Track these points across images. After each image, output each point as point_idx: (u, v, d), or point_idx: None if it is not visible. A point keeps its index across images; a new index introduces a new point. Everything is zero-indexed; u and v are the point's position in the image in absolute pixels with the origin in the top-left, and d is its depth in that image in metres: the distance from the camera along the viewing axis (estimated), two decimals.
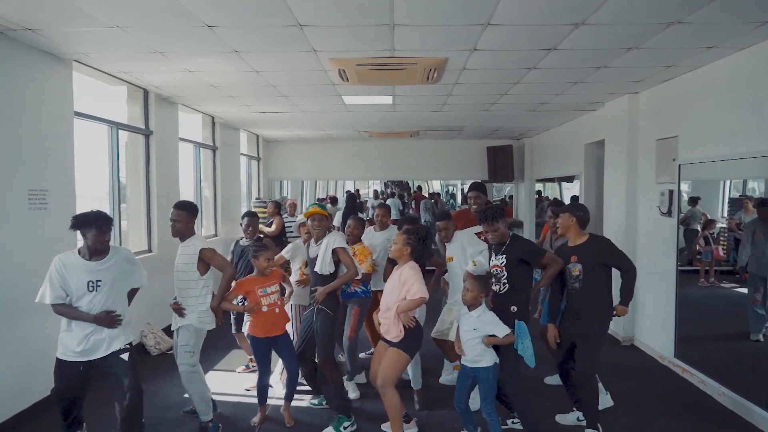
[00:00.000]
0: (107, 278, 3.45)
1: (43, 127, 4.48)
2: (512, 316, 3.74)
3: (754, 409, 4.24)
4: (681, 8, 3.47)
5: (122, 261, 3.59)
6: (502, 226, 3.84)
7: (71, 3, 3.36)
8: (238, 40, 4.15)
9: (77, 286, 3.39)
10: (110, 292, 3.48)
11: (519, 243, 3.93)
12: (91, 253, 3.44)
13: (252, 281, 4.15)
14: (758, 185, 5.44)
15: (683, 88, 5.35)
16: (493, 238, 3.88)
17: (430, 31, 3.95)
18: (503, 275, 3.81)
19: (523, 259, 3.81)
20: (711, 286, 5.63)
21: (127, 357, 3.55)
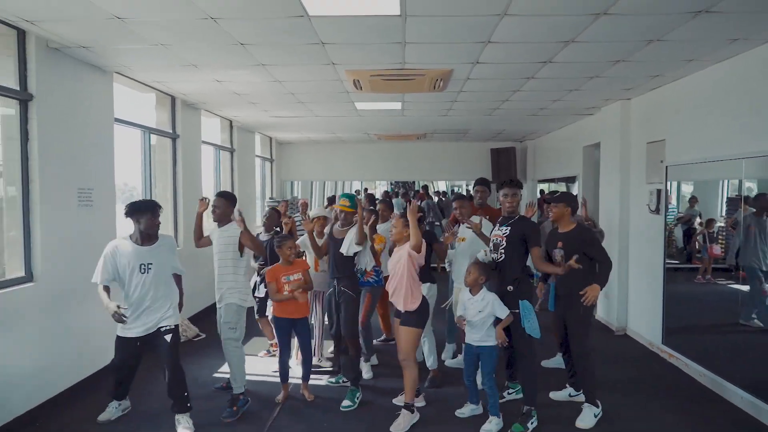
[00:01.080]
0: (157, 261, 3.95)
1: (89, 132, 4.99)
2: (511, 296, 4.10)
3: (728, 387, 4.70)
4: (660, 28, 3.93)
5: (168, 247, 4.12)
6: (519, 198, 4.30)
7: (124, 25, 3.87)
8: (265, 55, 4.65)
9: (129, 268, 3.89)
10: (158, 274, 3.96)
11: (526, 221, 4.24)
12: (143, 239, 3.95)
13: (278, 269, 4.65)
14: (754, 185, 5.74)
15: (669, 96, 5.82)
16: (510, 205, 4.25)
17: (437, 47, 4.43)
18: (502, 244, 4.16)
19: (523, 237, 4.13)
20: (707, 283, 5.89)
21: (170, 338, 4.00)
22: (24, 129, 4.25)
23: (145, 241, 3.96)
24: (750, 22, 3.80)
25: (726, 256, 5.57)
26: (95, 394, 4.74)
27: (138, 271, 3.91)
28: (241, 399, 4.48)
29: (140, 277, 3.91)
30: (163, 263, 4.03)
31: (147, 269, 3.92)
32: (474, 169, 12.09)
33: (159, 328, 3.98)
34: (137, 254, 3.92)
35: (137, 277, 3.91)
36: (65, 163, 4.63)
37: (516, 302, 4.09)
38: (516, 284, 4.12)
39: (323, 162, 12.55)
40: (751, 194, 5.72)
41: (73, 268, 4.73)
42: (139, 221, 3.94)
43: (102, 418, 4.20)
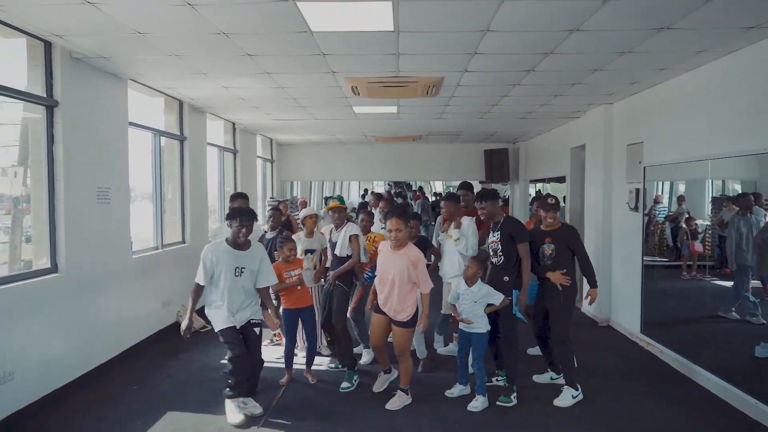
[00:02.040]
0: (249, 266, 4.25)
1: (106, 135, 5.39)
2: (507, 285, 4.62)
3: (698, 371, 5.10)
4: (628, 41, 4.33)
5: (259, 255, 4.39)
6: (489, 206, 4.71)
7: (144, 39, 4.26)
8: (271, 64, 5.05)
9: (223, 269, 4.17)
10: (248, 279, 4.27)
11: (510, 222, 4.78)
12: (239, 245, 4.23)
13: (280, 266, 5.05)
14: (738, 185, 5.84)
15: (647, 101, 6.23)
16: (482, 214, 4.79)
17: (428, 58, 4.84)
18: (499, 248, 4.67)
19: (511, 235, 4.63)
20: (692, 279, 6.16)
21: (259, 331, 4.41)
22: (50, 133, 4.64)
23: (240, 246, 4.24)
24: (708, 37, 4.20)
25: (714, 254, 5.70)
26: (114, 377, 5.14)
27: (233, 274, 4.19)
28: None
29: (234, 280, 4.20)
30: (254, 270, 4.33)
31: (240, 272, 4.21)
32: (468, 169, 12.51)
33: (248, 321, 4.34)
34: (234, 257, 4.20)
35: (231, 279, 4.19)
36: (86, 164, 5.02)
37: (510, 290, 4.62)
38: (512, 276, 4.65)
39: (322, 163, 12.95)
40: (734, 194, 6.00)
41: (93, 260, 5.13)
42: (242, 226, 4.17)
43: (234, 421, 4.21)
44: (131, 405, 4.55)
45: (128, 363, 5.56)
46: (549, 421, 4.30)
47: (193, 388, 4.90)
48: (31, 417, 4.25)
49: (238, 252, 4.22)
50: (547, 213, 4.80)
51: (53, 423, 4.22)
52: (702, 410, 4.53)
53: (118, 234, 5.59)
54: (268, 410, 4.45)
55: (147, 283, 6.21)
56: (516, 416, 4.39)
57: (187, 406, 4.54)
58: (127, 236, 5.81)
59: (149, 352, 5.96)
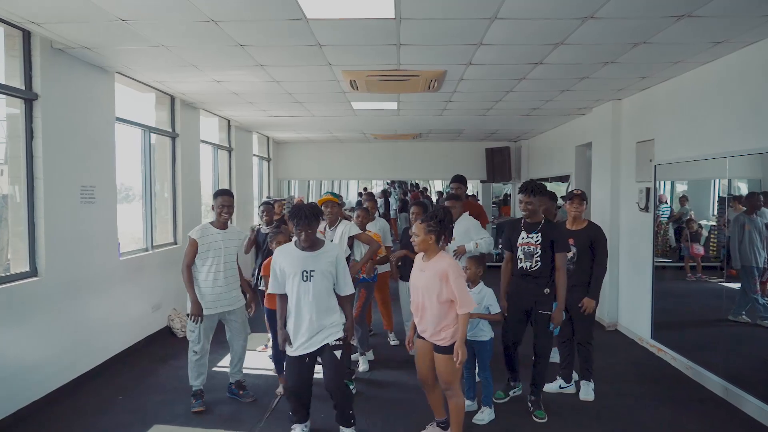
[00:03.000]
0: (318, 269, 3.61)
1: (91, 131, 5.11)
2: (546, 297, 4.17)
3: (713, 378, 4.85)
4: (645, 31, 4.08)
5: (331, 256, 3.69)
6: (537, 202, 4.15)
7: (129, 27, 3.99)
8: (264, 56, 4.78)
9: (289, 272, 3.63)
10: (320, 282, 3.62)
11: (554, 226, 4.28)
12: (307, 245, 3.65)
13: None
14: (744, 184, 5.81)
15: (658, 96, 5.97)
16: (525, 210, 4.18)
17: (430, 49, 4.57)
18: (536, 252, 4.17)
19: (552, 241, 4.14)
20: (697, 281, 6.01)
21: (340, 355, 3.68)
22: (29, 127, 4.36)
23: (308, 246, 3.66)
24: (731, 26, 3.94)
25: (720, 255, 5.59)
26: (99, 386, 4.87)
27: (301, 278, 3.61)
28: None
29: (303, 285, 3.61)
30: (325, 272, 3.66)
31: (309, 277, 3.60)
32: (469, 168, 12.23)
33: (325, 344, 3.67)
34: (301, 259, 3.63)
35: (300, 284, 3.62)
36: (68, 161, 4.75)
37: (550, 304, 4.19)
38: (552, 287, 4.20)
39: (320, 161, 12.68)
40: (740, 193, 5.85)
41: (77, 263, 4.86)
42: (309, 227, 3.58)
43: None
44: (115, 417, 4.29)
45: (115, 371, 5.28)
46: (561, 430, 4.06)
47: (182, 399, 4.61)
48: (8, 431, 3.98)
49: (306, 253, 3.66)
50: (571, 203, 4.56)
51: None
52: (716, 418, 4.30)
53: (104, 235, 5.32)
54: (260, 422, 4.18)
55: (136, 286, 5.93)
56: (524, 427, 4.13)
57: (175, 418, 4.27)
58: (114, 237, 5.54)
59: (137, 358, 5.69)
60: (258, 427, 4.12)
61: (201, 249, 4.29)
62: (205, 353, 4.44)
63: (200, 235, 4.30)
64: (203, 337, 4.37)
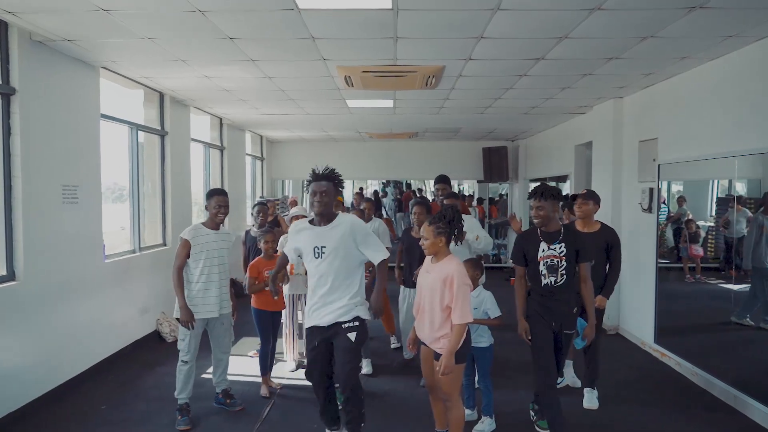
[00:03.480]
0: (330, 245, 3.37)
1: (74, 128, 4.89)
2: (573, 316, 3.77)
3: (720, 385, 4.68)
4: (653, 25, 3.90)
5: (348, 229, 3.42)
6: (548, 207, 3.59)
7: (111, 18, 3.77)
8: (255, 50, 4.57)
9: (304, 250, 3.49)
10: (334, 260, 3.38)
11: (577, 234, 3.81)
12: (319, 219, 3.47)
13: (260, 263, 4.69)
14: (743, 185, 5.70)
15: (662, 94, 5.80)
16: (537, 217, 3.64)
17: (429, 43, 4.37)
18: (562, 265, 3.62)
19: (577, 251, 3.67)
20: (696, 282, 5.92)
21: (354, 337, 3.38)
22: (6, 124, 4.14)
23: (320, 221, 3.46)
24: (744, 19, 3.77)
25: (720, 256, 5.50)
26: (82, 395, 4.65)
27: (313, 254, 3.42)
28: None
29: (315, 262, 3.42)
30: (338, 247, 3.40)
31: (320, 253, 3.39)
32: (466, 168, 12.11)
33: (336, 322, 3.41)
34: (313, 235, 3.45)
35: (313, 261, 3.44)
36: (49, 159, 4.53)
37: (575, 322, 3.80)
38: (578, 305, 3.79)
39: (314, 161, 12.13)
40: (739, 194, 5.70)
41: (58, 266, 4.64)
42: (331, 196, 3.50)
43: None
44: (97, 428, 4.07)
45: (99, 378, 5.06)
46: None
47: (168, 408, 4.37)
48: None
49: (318, 228, 3.48)
50: (580, 203, 4.38)
51: None
52: (725, 427, 4.13)
53: (88, 237, 5.10)
54: None
55: (122, 289, 5.71)
56: None
57: (160, 428, 4.06)
58: (99, 239, 5.31)
59: (123, 364, 5.47)
60: None
61: (194, 250, 4.07)
62: (194, 362, 4.20)
63: (193, 236, 4.08)
64: (193, 346, 4.13)
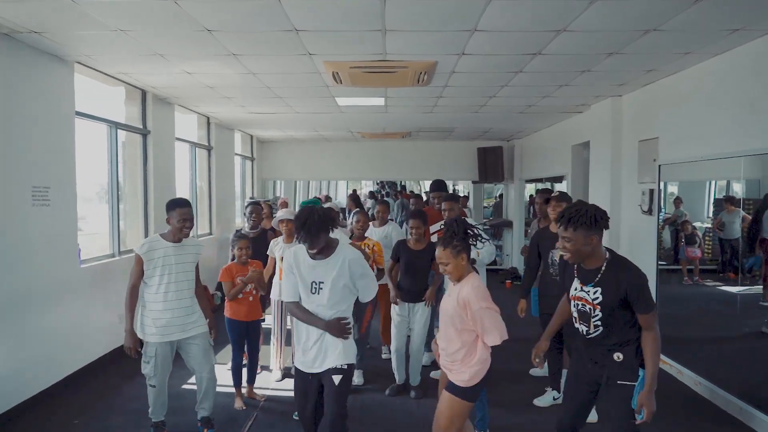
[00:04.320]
0: (327, 280, 3.06)
1: (45, 126, 4.63)
2: (622, 364, 2.74)
3: (725, 396, 4.47)
4: (657, 16, 3.68)
5: (346, 264, 3.08)
6: (579, 241, 2.66)
7: (77, 8, 3.52)
8: (236, 43, 4.33)
9: (300, 281, 3.13)
10: (328, 294, 3.06)
11: (623, 273, 2.67)
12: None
13: (233, 268, 4.45)
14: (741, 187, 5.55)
15: (663, 92, 5.59)
16: (564, 251, 2.76)
17: (419, 36, 4.14)
18: (596, 315, 2.73)
19: (626, 298, 2.64)
20: (695, 285, 5.77)
21: (339, 381, 3.06)
22: None
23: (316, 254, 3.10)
24: (752, 9, 3.55)
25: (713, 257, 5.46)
26: (53, 409, 4.40)
27: (309, 290, 3.10)
28: None
29: (311, 297, 3.10)
30: (336, 279, 3.08)
31: (318, 289, 3.07)
32: (460, 168, 11.89)
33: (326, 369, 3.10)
34: (311, 267, 3.10)
35: (309, 297, 3.12)
36: (16, 160, 4.27)
37: (631, 371, 2.73)
38: (627, 351, 2.74)
39: (306, 161, 12.22)
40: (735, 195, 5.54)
41: (28, 273, 4.39)
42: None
43: None
44: None
45: (74, 389, 4.81)
46: None
47: (145, 422, 4.12)
48: None
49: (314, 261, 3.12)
50: (554, 205, 4.21)
51: None
52: None
53: (61, 240, 4.84)
54: None
55: (100, 295, 5.45)
56: None
57: None
58: (74, 243, 5.05)
59: (101, 374, 5.22)
60: None
61: (148, 266, 3.62)
62: (164, 384, 3.83)
63: (147, 250, 3.63)
64: (160, 370, 3.72)
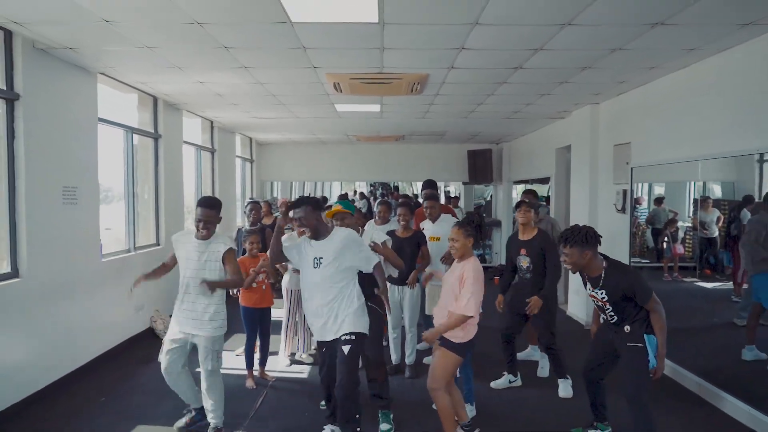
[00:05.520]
0: (326, 256, 3.53)
1: (73, 132, 5.09)
2: (630, 336, 3.47)
3: (689, 375, 5.01)
4: (621, 38, 4.20)
5: (340, 240, 3.58)
6: (577, 253, 3.34)
7: (112, 28, 3.99)
8: (249, 58, 4.81)
9: (304, 259, 3.63)
10: (327, 269, 3.54)
11: (619, 276, 3.41)
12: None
13: (246, 261, 4.93)
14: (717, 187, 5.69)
15: (635, 101, 6.13)
16: (566, 264, 3.48)
17: (413, 53, 4.64)
18: (608, 309, 3.52)
19: (626, 296, 3.40)
20: (674, 281, 6.14)
21: (348, 350, 3.47)
22: (10, 128, 4.34)
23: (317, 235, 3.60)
24: (703, 34, 4.09)
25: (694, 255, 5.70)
26: (82, 388, 4.85)
27: (312, 265, 3.58)
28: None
29: (313, 272, 3.58)
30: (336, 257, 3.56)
31: (318, 263, 3.55)
32: (451, 170, 12.42)
33: (337, 338, 3.55)
34: (312, 246, 3.61)
35: (311, 271, 3.60)
36: (50, 162, 4.72)
37: (640, 337, 3.44)
38: (635, 325, 3.48)
39: (303, 163, 12.70)
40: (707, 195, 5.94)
41: (59, 264, 4.84)
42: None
43: None
44: (98, 418, 4.28)
45: (97, 372, 5.26)
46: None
47: (165, 400, 4.57)
48: None
49: (316, 241, 3.62)
50: (518, 212, 4.58)
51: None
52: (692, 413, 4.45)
53: (86, 236, 5.30)
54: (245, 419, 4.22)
55: (118, 287, 5.89)
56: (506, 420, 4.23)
57: (159, 419, 4.26)
58: (97, 238, 5.51)
59: (120, 360, 5.67)
60: (243, 425, 4.15)
61: (177, 254, 3.91)
62: (176, 375, 3.88)
63: (175, 239, 3.96)
64: (169, 357, 3.82)
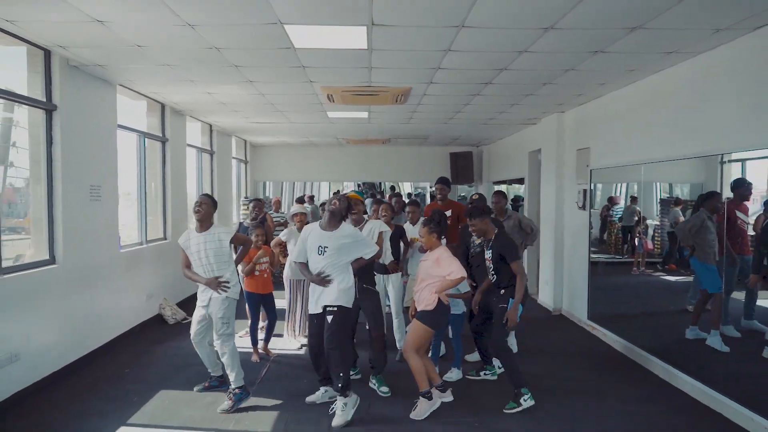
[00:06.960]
0: (331, 245, 4.21)
1: (98, 137, 5.77)
2: (503, 295, 4.59)
3: (636, 350, 5.79)
4: (572, 60, 4.98)
5: (344, 236, 4.26)
6: (479, 223, 4.59)
7: (141, 51, 4.70)
8: (254, 74, 5.54)
9: (311, 246, 4.30)
10: (331, 256, 4.22)
11: (499, 240, 4.62)
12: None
13: (251, 251, 5.57)
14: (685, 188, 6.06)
15: (593, 111, 6.95)
16: (473, 231, 4.70)
17: (397, 71, 5.41)
18: (491, 267, 4.63)
19: (501, 254, 4.51)
20: (641, 274, 6.63)
21: (331, 319, 4.19)
22: (49, 135, 5.02)
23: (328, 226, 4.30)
24: (639, 59, 4.87)
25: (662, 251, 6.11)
26: (108, 361, 5.56)
27: (316, 252, 4.26)
28: (240, 392, 4.49)
29: (317, 258, 4.25)
30: (339, 249, 4.23)
31: (323, 251, 4.24)
32: (435, 171, 13.01)
33: (323, 308, 4.25)
34: (319, 237, 4.28)
35: (316, 257, 4.27)
36: (80, 164, 5.40)
37: (506, 299, 4.58)
38: (506, 289, 4.58)
39: (295, 164, 13.39)
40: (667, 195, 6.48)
41: (86, 254, 5.52)
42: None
43: (309, 399, 4.59)
44: (126, 385, 4.97)
45: (119, 349, 5.94)
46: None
47: (182, 371, 5.31)
48: (37, 394, 4.64)
49: (325, 232, 4.29)
50: (471, 222, 4.66)
51: (59, 398, 4.62)
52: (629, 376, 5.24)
53: (107, 229, 5.98)
54: (253, 385, 4.91)
55: (133, 275, 6.59)
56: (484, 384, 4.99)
57: (179, 385, 4.97)
58: (116, 232, 6.19)
59: (136, 340, 6.34)
60: (252, 389, 4.85)
61: (188, 252, 4.54)
62: (200, 340, 4.65)
63: (183, 241, 4.57)
64: (197, 326, 4.62)
